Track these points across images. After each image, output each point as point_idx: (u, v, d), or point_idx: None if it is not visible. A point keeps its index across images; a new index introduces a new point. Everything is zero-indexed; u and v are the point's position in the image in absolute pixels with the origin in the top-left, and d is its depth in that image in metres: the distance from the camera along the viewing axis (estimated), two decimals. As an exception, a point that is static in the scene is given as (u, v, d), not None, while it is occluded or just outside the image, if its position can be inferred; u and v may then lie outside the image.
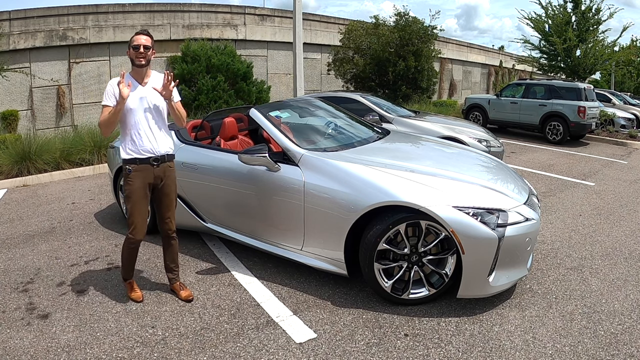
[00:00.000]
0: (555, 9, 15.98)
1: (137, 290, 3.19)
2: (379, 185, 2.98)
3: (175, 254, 3.21)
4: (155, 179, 2.98)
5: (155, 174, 2.97)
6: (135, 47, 2.81)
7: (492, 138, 6.77)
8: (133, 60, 2.85)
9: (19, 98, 10.48)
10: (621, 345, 2.66)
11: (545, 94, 11.47)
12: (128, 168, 2.91)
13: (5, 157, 6.79)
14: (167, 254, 3.21)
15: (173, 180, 3.10)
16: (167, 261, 3.22)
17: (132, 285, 3.21)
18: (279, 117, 3.95)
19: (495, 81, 24.45)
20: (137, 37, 2.84)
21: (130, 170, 2.91)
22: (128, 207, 2.99)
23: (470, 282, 2.88)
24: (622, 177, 7.43)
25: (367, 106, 7.16)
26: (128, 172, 2.92)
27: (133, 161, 2.90)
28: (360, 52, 13.82)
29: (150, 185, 2.98)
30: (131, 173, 2.91)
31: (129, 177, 2.92)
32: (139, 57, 2.83)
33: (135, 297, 3.15)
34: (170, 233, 3.15)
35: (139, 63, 2.85)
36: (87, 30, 11.27)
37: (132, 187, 2.92)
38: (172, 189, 3.09)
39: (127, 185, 2.93)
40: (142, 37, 2.84)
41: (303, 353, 2.56)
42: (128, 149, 2.91)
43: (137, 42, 2.82)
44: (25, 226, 4.72)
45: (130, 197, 2.94)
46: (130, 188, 2.92)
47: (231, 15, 13.90)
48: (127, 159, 2.91)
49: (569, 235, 4.52)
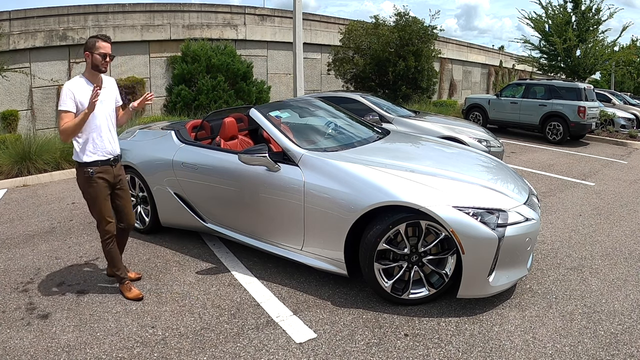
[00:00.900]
0: (555, 9, 15.99)
1: (134, 289, 3.21)
2: (379, 185, 2.98)
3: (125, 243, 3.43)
4: (114, 178, 3.10)
5: (114, 174, 3.10)
6: (103, 55, 2.90)
7: (492, 138, 6.77)
8: (98, 65, 2.92)
9: (19, 98, 10.47)
10: (621, 345, 2.66)
11: (545, 94, 11.47)
12: (90, 170, 2.97)
13: (5, 157, 6.79)
14: (120, 245, 3.32)
15: (125, 177, 3.31)
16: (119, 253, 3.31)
17: (129, 286, 3.22)
18: (279, 117, 3.95)
19: (495, 81, 24.45)
20: (104, 45, 2.92)
21: (93, 173, 2.97)
22: (97, 208, 3.05)
23: (470, 282, 2.88)
24: (622, 177, 7.43)
25: (367, 106, 7.16)
26: (91, 175, 2.97)
27: (95, 163, 2.98)
28: (360, 52, 13.81)
29: (109, 185, 3.08)
30: (94, 175, 2.98)
31: (92, 179, 2.98)
32: (104, 64, 2.93)
33: (133, 296, 3.17)
34: (133, 224, 3.35)
35: (103, 69, 2.95)
36: (87, 30, 11.26)
37: (97, 188, 3.01)
38: (127, 185, 3.32)
39: (91, 188, 3.00)
40: (108, 45, 2.94)
41: (303, 353, 2.57)
42: (89, 152, 2.96)
43: (105, 50, 2.92)
44: (25, 226, 4.72)
45: (98, 198, 3.02)
46: (95, 190, 3.01)
47: (231, 15, 13.90)
48: (88, 162, 2.96)
49: (569, 235, 4.52)
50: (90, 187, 3.00)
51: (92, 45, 2.90)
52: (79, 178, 3.05)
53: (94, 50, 2.89)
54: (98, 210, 3.05)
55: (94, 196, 3.02)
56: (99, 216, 3.06)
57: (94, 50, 2.89)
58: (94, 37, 2.94)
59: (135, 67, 12.10)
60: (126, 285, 3.22)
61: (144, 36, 12.13)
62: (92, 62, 2.91)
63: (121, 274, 3.22)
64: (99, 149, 2.98)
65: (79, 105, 2.87)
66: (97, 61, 2.90)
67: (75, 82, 2.91)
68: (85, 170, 2.97)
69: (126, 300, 3.15)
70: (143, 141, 4.44)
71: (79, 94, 2.87)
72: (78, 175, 3.05)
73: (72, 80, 2.93)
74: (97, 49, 2.89)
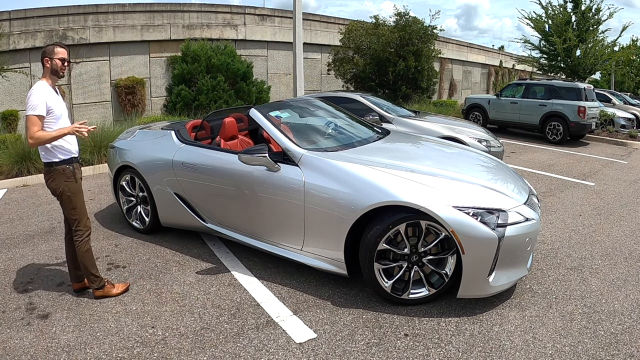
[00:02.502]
0: (555, 9, 15.98)
1: (117, 284, 3.26)
2: (379, 185, 2.98)
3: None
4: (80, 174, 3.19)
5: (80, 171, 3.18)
6: (63, 60, 2.97)
7: (492, 138, 6.77)
8: (57, 71, 2.98)
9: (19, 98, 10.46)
10: (621, 345, 2.66)
11: (545, 94, 11.47)
12: (70, 167, 3.03)
13: (5, 157, 6.79)
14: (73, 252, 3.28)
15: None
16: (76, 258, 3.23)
17: (111, 284, 3.23)
18: (279, 117, 3.95)
19: (495, 81, 24.45)
20: (62, 51, 3.00)
21: (73, 169, 3.05)
22: (79, 204, 3.09)
23: (470, 282, 2.88)
24: (622, 177, 7.43)
25: (367, 106, 7.16)
26: (72, 171, 3.04)
27: (71, 160, 3.05)
28: (360, 52, 13.81)
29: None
30: (75, 170, 3.06)
31: (74, 175, 3.05)
32: (63, 69, 3.00)
33: (122, 289, 3.23)
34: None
35: (62, 74, 3.02)
36: (87, 30, 11.26)
37: (78, 184, 3.09)
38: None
39: (74, 183, 3.06)
40: (65, 51, 3.02)
41: (303, 353, 2.57)
42: (65, 151, 3.02)
43: (64, 55, 2.99)
44: (25, 226, 4.72)
45: (79, 193, 3.10)
46: (77, 185, 3.08)
47: (231, 15, 13.90)
48: (65, 159, 3.02)
49: (569, 235, 4.52)
50: (71, 183, 3.05)
51: (50, 51, 2.97)
52: (55, 179, 3.01)
53: (53, 55, 2.95)
54: (80, 206, 3.10)
55: (75, 191, 3.06)
56: (80, 212, 3.11)
57: (54, 56, 2.95)
58: (51, 44, 3.03)
59: (135, 67, 12.10)
60: (107, 287, 3.19)
61: (144, 36, 12.13)
62: (51, 67, 2.97)
63: (98, 274, 3.18)
64: (72, 147, 3.07)
65: (49, 110, 2.89)
66: (56, 66, 2.96)
67: (44, 88, 2.91)
68: (64, 167, 3.01)
69: (126, 300, 3.15)
70: (143, 141, 4.44)
71: (49, 100, 2.89)
72: (54, 176, 3.00)
73: (40, 85, 2.91)
74: (57, 54, 2.96)
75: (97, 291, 3.17)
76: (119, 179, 4.50)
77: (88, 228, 3.14)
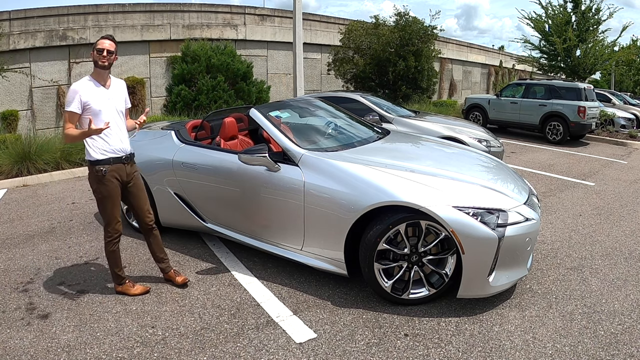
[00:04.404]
0: (555, 8, 15.98)
1: (138, 285, 3.23)
2: (379, 185, 2.98)
3: (161, 243, 3.38)
4: (127, 176, 3.11)
5: (127, 172, 3.11)
6: (100, 51, 2.94)
7: (492, 138, 6.77)
8: (96, 61, 2.96)
9: (19, 98, 10.46)
10: (621, 345, 2.66)
11: (545, 94, 11.47)
12: (103, 169, 2.98)
13: (5, 157, 6.79)
14: (154, 245, 3.32)
15: (140, 175, 3.30)
16: (156, 253, 3.33)
17: (131, 284, 3.24)
18: (279, 117, 3.95)
19: (495, 81, 24.44)
20: (102, 42, 2.99)
21: (106, 171, 2.98)
22: (107, 208, 3.04)
23: (470, 282, 2.88)
24: (622, 177, 7.43)
25: (367, 106, 7.16)
26: (104, 173, 2.98)
27: (107, 161, 2.99)
28: (360, 52, 13.81)
29: (122, 184, 3.09)
30: (107, 173, 2.99)
31: (105, 178, 2.99)
32: (102, 59, 2.95)
33: (140, 291, 3.21)
34: (152, 224, 3.31)
35: (102, 64, 2.96)
36: (87, 30, 11.26)
37: (110, 187, 3.02)
38: (142, 183, 3.30)
39: (104, 186, 3.00)
40: (106, 42, 2.99)
41: (303, 353, 2.57)
42: (100, 150, 2.98)
43: (102, 46, 2.97)
44: (25, 226, 4.72)
45: (110, 197, 3.03)
46: (108, 188, 3.01)
47: (231, 15, 13.89)
48: (101, 160, 2.98)
49: (569, 235, 4.52)
50: (102, 186, 3.00)
51: (95, 43, 2.99)
52: (90, 176, 3.05)
53: (95, 47, 2.97)
54: (108, 210, 3.05)
55: (105, 195, 3.01)
56: (109, 216, 3.06)
57: (94, 47, 2.97)
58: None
59: (135, 67, 12.09)
60: (127, 284, 3.23)
61: (144, 36, 12.13)
62: (93, 59, 2.98)
63: (122, 274, 3.22)
64: (110, 146, 3.00)
65: (84, 106, 2.90)
66: (95, 57, 2.96)
67: (81, 83, 2.94)
68: (97, 168, 2.97)
69: (126, 300, 3.15)
70: (143, 141, 4.44)
71: (84, 95, 2.89)
72: (89, 173, 3.05)
73: (79, 81, 2.96)
74: (96, 45, 2.96)
75: (118, 287, 3.24)
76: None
77: (116, 231, 3.10)
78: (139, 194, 3.22)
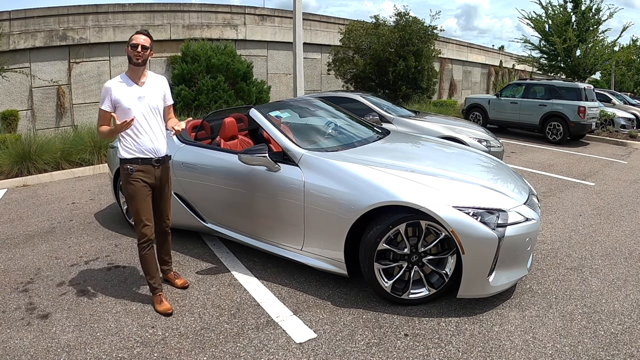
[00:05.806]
0: (555, 9, 15.98)
1: (166, 302, 3.02)
2: (379, 185, 2.98)
3: (170, 247, 3.36)
4: (156, 179, 2.98)
5: (156, 175, 2.97)
6: (134, 46, 2.82)
7: (492, 138, 6.77)
8: (130, 57, 2.85)
9: (19, 98, 10.46)
10: (621, 345, 2.66)
11: (545, 94, 11.47)
12: (130, 168, 2.88)
13: (5, 157, 6.79)
14: (164, 248, 3.29)
15: (169, 179, 3.13)
16: (162, 255, 3.29)
17: (160, 298, 3.03)
18: (279, 117, 3.94)
19: (495, 81, 24.44)
20: (136, 37, 2.86)
21: (133, 170, 2.88)
22: (134, 208, 2.93)
23: (470, 282, 2.88)
24: (622, 177, 7.43)
25: (367, 106, 7.16)
26: (130, 172, 2.88)
27: (135, 161, 2.89)
28: (360, 52, 13.81)
29: (150, 185, 2.97)
30: (133, 173, 2.89)
31: (132, 177, 2.89)
32: (136, 55, 2.83)
33: (163, 310, 2.96)
34: (168, 229, 3.25)
35: (136, 61, 2.84)
36: (87, 30, 11.26)
37: (136, 187, 2.90)
38: (169, 188, 3.16)
39: (130, 186, 2.90)
40: (141, 37, 2.86)
41: (303, 353, 2.56)
42: (129, 149, 2.89)
43: (136, 41, 2.84)
44: (25, 226, 4.72)
45: (135, 197, 2.91)
46: (134, 188, 2.90)
47: (231, 15, 13.89)
48: (128, 159, 2.88)
49: (569, 235, 4.52)
50: (129, 185, 2.90)
51: (130, 39, 2.86)
52: (120, 175, 3.01)
53: (129, 42, 2.85)
54: (135, 211, 2.93)
55: (132, 195, 2.91)
56: (136, 217, 2.94)
57: (129, 42, 2.85)
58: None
59: (135, 67, 12.08)
60: (158, 297, 3.04)
61: (144, 36, 12.11)
62: (128, 54, 2.88)
63: (154, 284, 3.04)
64: (140, 146, 2.88)
65: (115, 104, 2.84)
66: (129, 53, 2.84)
67: (113, 81, 2.88)
68: (124, 167, 2.90)
69: (126, 300, 3.15)
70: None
71: (115, 93, 2.83)
72: (120, 172, 3.00)
73: (113, 79, 2.90)
74: (131, 40, 2.84)
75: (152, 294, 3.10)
76: (118, 179, 4.50)
77: (144, 235, 2.94)
78: (164, 197, 3.09)
